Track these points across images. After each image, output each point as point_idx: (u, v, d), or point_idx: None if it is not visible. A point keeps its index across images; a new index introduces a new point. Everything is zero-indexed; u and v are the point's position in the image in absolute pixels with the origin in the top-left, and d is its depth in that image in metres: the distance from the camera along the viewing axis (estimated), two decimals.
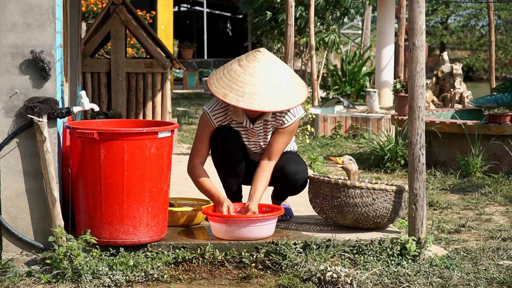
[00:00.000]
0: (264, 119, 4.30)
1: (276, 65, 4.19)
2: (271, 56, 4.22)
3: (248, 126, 4.32)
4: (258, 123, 4.32)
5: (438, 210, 5.73)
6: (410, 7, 4.15)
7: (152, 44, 7.95)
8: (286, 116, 4.29)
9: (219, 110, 4.32)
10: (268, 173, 4.30)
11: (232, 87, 4.09)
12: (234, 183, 4.42)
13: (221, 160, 4.35)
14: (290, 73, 4.25)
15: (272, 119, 4.32)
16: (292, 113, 4.30)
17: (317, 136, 10.17)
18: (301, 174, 4.36)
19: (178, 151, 8.36)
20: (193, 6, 28.61)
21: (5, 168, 3.87)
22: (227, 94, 4.08)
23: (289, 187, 4.39)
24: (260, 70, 4.12)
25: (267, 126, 4.34)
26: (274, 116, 4.31)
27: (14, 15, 3.81)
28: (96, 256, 3.83)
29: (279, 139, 4.31)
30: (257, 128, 4.34)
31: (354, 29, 27.87)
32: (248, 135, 4.37)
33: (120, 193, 3.87)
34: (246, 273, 3.90)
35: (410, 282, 3.79)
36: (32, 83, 3.85)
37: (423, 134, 4.15)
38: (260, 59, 4.16)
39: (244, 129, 4.36)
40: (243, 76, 4.11)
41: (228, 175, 4.40)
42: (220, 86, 4.12)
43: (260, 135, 4.35)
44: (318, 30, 12.82)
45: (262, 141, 4.37)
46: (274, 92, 4.10)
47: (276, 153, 4.32)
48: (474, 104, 8.91)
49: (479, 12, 27.96)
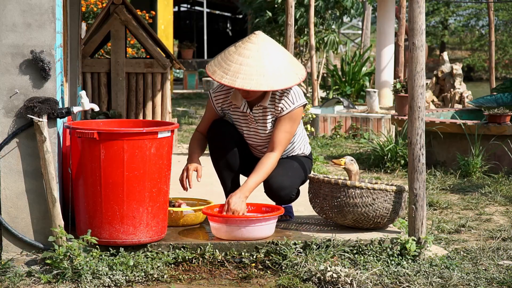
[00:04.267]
0: (262, 105, 4.31)
1: (269, 47, 4.21)
2: (267, 39, 4.25)
3: (246, 111, 4.34)
4: (256, 109, 4.33)
5: (438, 210, 5.73)
6: (410, 7, 4.15)
7: (152, 44, 7.95)
8: (283, 102, 4.28)
9: (221, 93, 4.40)
10: (268, 165, 4.23)
11: (221, 65, 4.19)
12: (228, 177, 4.42)
13: (216, 153, 4.38)
14: (284, 57, 4.23)
15: (270, 106, 4.31)
16: (290, 99, 4.28)
17: (317, 136, 10.17)
18: (286, 191, 4.32)
19: (178, 151, 8.36)
20: (193, 6, 28.62)
21: (5, 168, 3.87)
22: (215, 71, 4.19)
23: (277, 201, 4.40)
24: (250, 51, 4.18)
25: (266, 113, 4.33)
26: (273, 102, 4.30)
27: (14, 15, 3.81)
28: (96, 256, 3.83)
29: (280, 127, 4.28)
30: (255, 114, 4.34)
31: (354, 29, 27.87)
32: (248, 122, 4.38)
33: (120, 193, 3.87)
34: (246, 273, 3.90)
35: (410, 282, 3.79)
36: (32, 83, 3.85)
37: (423, 134, 4.15)
38: (253, 40, 4.22)
39: (243, 115, 4.38)
40: (233, 55, 4.19)
41: (223, 168, 4.41)
42: (213, 64, 4.23)
43: (259, 122, 4.35)
44: (318, 30, 12.83)
45: (261, 130, 4.36)
46: (258, 73, 4.12)
47: (279, 143, 4.27)
48: (474, 104, 8.91)
49: (479, 12, 27.97)
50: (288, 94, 4.29)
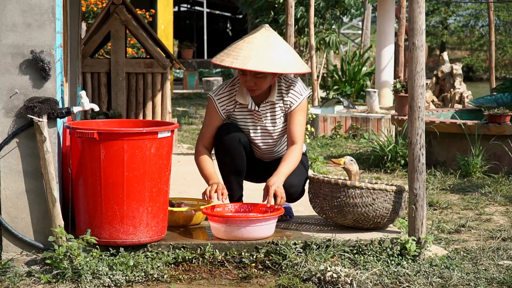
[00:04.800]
0: (270, 100, 4.32)
1: (278, 38, 4.27)
2: (274, 32, 4.31)
3: (253, 108, 4.34)
4: (263, 105, 4.33)
5: (438, 210, 5.73)
6: (410, 7, 4.15)
7: (152, 44, 7.95)
8: (291, 95, 4.32)
9: (224, 94, 4.38)
10: (294, 155, 4.25)
11: (229, 54, 4.21)
12: (234, 181, 4.41)
13: (222, 156, 4.35)
14: (290, 50, 4.30)
15: (278, 100, 4.33)
16: (298, 91, 4.33)
17: (317, 136, 10.17)
18: (295, 189, 4.36)
19: (178, 151, 8.36)
20: (193, 6, 28.63)
21: (5, 168, 3.87)
22: (224, 59, 4.20)
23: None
24: (258, 39, 4.22)
25: (274, 109, 4.34)
26: (281, 96, 4.33)
27: (14, 15, 3.81)
28: (96, 256, 3.83)
29: (294, 121, 4.31)
30: (263, 111, 4.34)
31: (354, 29, 27.86)
32: (255, 121, 4.37)
33: (120, 193, 3.87)
34: (246, 273, 3.89)
35: (410, 282, 3.79)
36: (32, 83, 3.85)
37: (423, 134, 4.15)
38: (261, 31, 4.27)
39: (250, 114, 4.37)
40: (241, 44, 4.22)
41: (230, 173, 4.39)
42: (221, 55, 4.25)
43: (267, 119, 4.35)
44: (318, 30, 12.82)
45: (270, 127, 4.35)
46: (269, 57, 4.16)
47: (297, 137, 4.30)
48: (474, 104, 8.91)
49: (479, 12, 27.97)
50: (295, 86, 4.34)
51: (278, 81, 4.36)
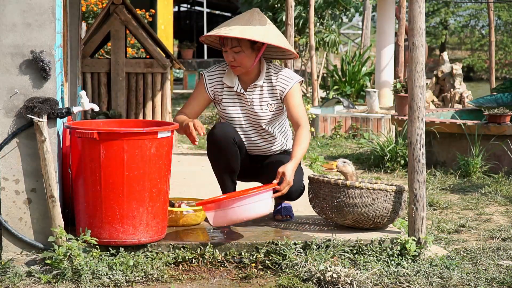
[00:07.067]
0: (257, 84, 4.37)
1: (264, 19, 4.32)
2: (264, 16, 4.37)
3: (239, 91, 4.38)
4: (250, 89, 4.37)
5: (438, 210, 5.73)
6: (410, 7, 4.15)
7: (152, 44, 7.95)
8: (280, 81, 4.38)
9: (215, 73, 4.43)
10: (304, 137, 4.29)
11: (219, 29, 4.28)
12: (228, 179, 4.42)
13: (218, 155, 4.36)
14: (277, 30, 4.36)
15: (267, 85, 4.37)
16: (287, 76, 4.38)
17: (317, 136, 10.17)
18: (296, 185, 4.35)
19: (178, 151, 8.36)
20: (193, 6, 28.61)
21: (5, 168, 3.87)
22: (211, 34, 4.29)
23: (287, 197, 4.40)
24: (246, 15, 4.30)
25: (262, 94, 4.38)
26: (269, 82, 4.38)
27: (14, 15, 3.81)
28: (96, 256, 3.83)
29: (291, 104, 4.35)
30: (249, 94, 4.38)
31: (354, 29, 27.86)
32: (243, 104, 4.40)
33: (120, 193, 3.87)
34: (246, 273, 3.89)
35: (410, 282, 3.79)
36: (32, 83, 3.85)
37: (423, 134, 4.15)
38: (250, 11, 4.34)
39: (238, 97, 4.40)
40: (229, 22, 4.30)
41: (223, 171, 4.40)
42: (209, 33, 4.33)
43: (254, 103, 4.38)
44: (318, 30, 12.82)
45: (258, 111, 4.38)
46: (257, 29, 4.22)
47: (300, 117, 4.33)
48: (474, 104, 8.91)
49: (479, 12, 27.97)
50: (284, 72, 4.40)
51: (267, 68, 4.41)
